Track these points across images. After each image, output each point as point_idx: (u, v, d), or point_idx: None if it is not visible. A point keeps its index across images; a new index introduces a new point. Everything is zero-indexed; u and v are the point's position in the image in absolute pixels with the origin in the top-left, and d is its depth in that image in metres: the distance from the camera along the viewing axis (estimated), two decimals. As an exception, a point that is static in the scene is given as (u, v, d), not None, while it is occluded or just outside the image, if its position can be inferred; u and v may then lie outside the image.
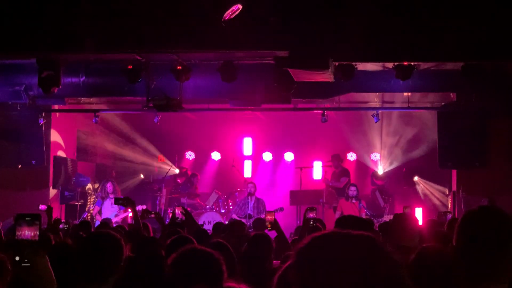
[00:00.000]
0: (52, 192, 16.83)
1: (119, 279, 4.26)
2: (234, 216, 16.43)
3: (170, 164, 18.98)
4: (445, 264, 3.84)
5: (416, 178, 18.14)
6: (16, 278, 3.28)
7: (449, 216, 9.92)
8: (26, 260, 3.31)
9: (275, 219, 9.37)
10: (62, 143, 17.40)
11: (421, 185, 18.09)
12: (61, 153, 17.27)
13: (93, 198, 17.04)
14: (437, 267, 3.82)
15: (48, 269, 3.40)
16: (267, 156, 20.33)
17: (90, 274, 4.29)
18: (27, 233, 3.36)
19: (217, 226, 10.40)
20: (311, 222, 8.68)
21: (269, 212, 9.74)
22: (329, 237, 2.04)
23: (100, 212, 15.47)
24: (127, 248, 4.86)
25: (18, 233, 3.35)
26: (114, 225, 12.19)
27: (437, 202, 17.55)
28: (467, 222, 2.74)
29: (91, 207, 16.88)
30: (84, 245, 4.60)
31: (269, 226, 9.12)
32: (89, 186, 17.69)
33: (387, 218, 15.16)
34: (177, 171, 18.92)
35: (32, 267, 3.29)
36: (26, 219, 3.39)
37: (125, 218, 14.99)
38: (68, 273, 4.55)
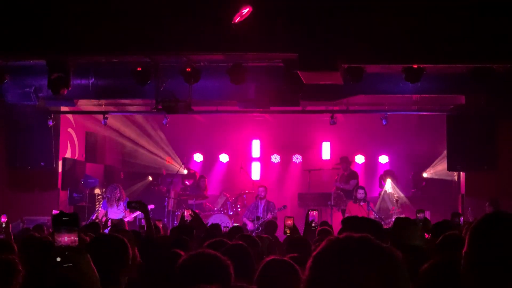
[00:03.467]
0: (61, 193, 16.84)
1: (131, 281, 4.31)
2: (246, 221, 16.43)
3: (179, 164, 18.94)
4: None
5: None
6: (61, 278, 3.29)
7: (462, 218, 9.86)
8: (67, 261, 3.31)
9: (294, 224, 9.01)
10: (70, 144, 17.43)
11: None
12: (69, 155, 17.29)
13: (101, 202, 17.05)
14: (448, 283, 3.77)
15: (91, 266, 3.42)
16: (275, 158, 20.32)
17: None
18: (67, 239, 3.32)
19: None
20: (313, 224, 8.62)
21: (289, 217, 9.21)
22: (344, 242, 2.06)
23: (106, 215, 15.48)
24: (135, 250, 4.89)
25: (58, 239, 3.32)
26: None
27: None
28: (483, 227, 2.70)
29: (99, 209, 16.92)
30: (89, 247, 4.65)
31: (288, 231, 8.77)
32: (97, 191, 17.70)
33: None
34: (185, 171, 18.91)
35: (74, 267, 3.29)
36: (63, 219, 3.35)
37: (129, 221, 15.00)
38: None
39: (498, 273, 2.56)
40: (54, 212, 11.71)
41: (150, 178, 19.82)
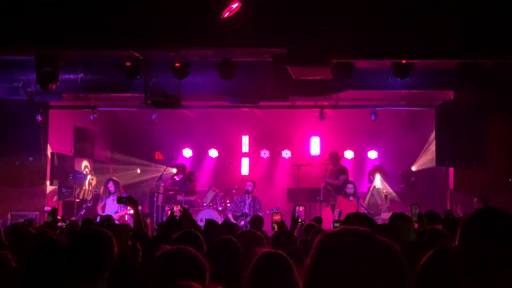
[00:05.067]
0: (50, 188, 16.80)
1: (111, 274, 4.33)
2: (229, 216, 16.40)
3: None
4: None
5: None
6: None
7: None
8: None
9: (281, 220, 9.04)
10: (59, 139, 17.36)
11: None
12: (58, 150, 17.23)
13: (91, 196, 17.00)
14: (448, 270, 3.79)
15: None
16: (265, 154, 20.33)
17: (82, 270, 4.35)
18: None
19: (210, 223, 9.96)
20: (300, 220, 8.61)
21: (276, 212, 9.23)
22: (342, 235, 2.08)
23: (103, 208, 15.50)
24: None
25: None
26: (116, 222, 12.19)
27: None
28: (474, 222, 2.73)
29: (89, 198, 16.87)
30: (74, 242, 4.65)
31: (276, 227, 8.76)
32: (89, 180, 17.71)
33: (384, 215, 15.18)
34: (174, 170, 18.85)
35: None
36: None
37: (123, 216, 14.98)
38: (63, 271, 4.59)
39: (488, 267, 2.58)
40: (47, 208, 11.68)
41: (139, 171, 19.81)
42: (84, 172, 18.47)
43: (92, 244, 4.48)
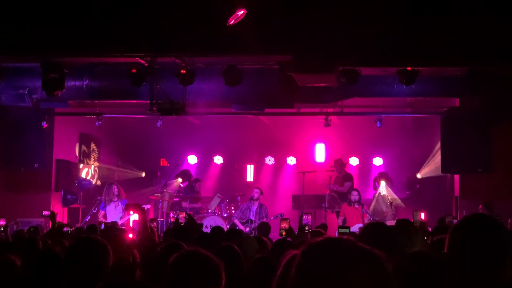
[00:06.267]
0: (55, 195, 16.81)
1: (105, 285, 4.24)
2: (236, 222, 16.41)
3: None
4: (433, 272, 3.86)
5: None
6: None
7: (455, 221, 9.84)
8: None
9: (290, 227, 9.06)
10: (64, 146, 17.39)
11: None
12: (63, 156, 17.25)
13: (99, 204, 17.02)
14: (425, 274, 3.84)
15: None
16: (270, 160, 20.32)
17: (77, 279, 4.29)
18: None
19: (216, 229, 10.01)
20: (307, 228, 8.62)
21: (284, 219, 9.25)
22: (325, 246, 2.08)
23: (105, 216, 15.49)
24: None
25: None
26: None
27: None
28: (460, 230, 2.77)
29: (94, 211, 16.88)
30: (70, 251, 4.59)
31: (284, 233, 8.79)
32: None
33: (389, 223, 15.13)
34: (180, 180, 18.79)
35: None
36: None
37: (127, 221, 14.98)
38: (58, 279, 4.57)
39: (476, 272, 2.62)
40: (45, 213, 11.71)
41: (143, 175, 19.85)
42: (89, 179, 18.50)
43: (85, 254, 4.38)
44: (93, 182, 18.79)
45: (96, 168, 19.14)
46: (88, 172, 18.68)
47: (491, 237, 2.70)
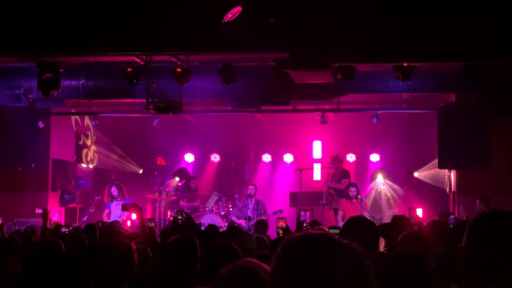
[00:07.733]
0: (52, 195, 16.80)
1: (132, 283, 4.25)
2: (234, 219, 16.40)
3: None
4: (416, 269, 3.87)
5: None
6: None
7: (451, 217, 9.83)
8: None
9: (287, 225, 9.09)
10: (61, 146, 17.37)
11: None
12: (60, 156, 17.24)
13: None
14: (409, 272, 3.85)
15: None
16: (267, 158, 20.32)
17: (102, 281, 4.28)
18: None
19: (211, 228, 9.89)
20: (304, 225, 8.63)
21: (281, 218, 9.27)
22: (304, 241, 2.09)
23: (109, 215, 15.54)
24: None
25: None
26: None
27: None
28: (482, 224, 2.74)
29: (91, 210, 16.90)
30: (94, 253, 4.57)
31: (280, 232, 8.80)
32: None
33: (387, 218, 15.16)
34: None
35: None
36: None
37: (126, 221, 14.98)
38: (81, 280, 4.56)
39: (495, 269, 2.60)
40: (38, 210, 11.71)
41: (141, 172, 19.85)
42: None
43: (112, 255, 4.37)
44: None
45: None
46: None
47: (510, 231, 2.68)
